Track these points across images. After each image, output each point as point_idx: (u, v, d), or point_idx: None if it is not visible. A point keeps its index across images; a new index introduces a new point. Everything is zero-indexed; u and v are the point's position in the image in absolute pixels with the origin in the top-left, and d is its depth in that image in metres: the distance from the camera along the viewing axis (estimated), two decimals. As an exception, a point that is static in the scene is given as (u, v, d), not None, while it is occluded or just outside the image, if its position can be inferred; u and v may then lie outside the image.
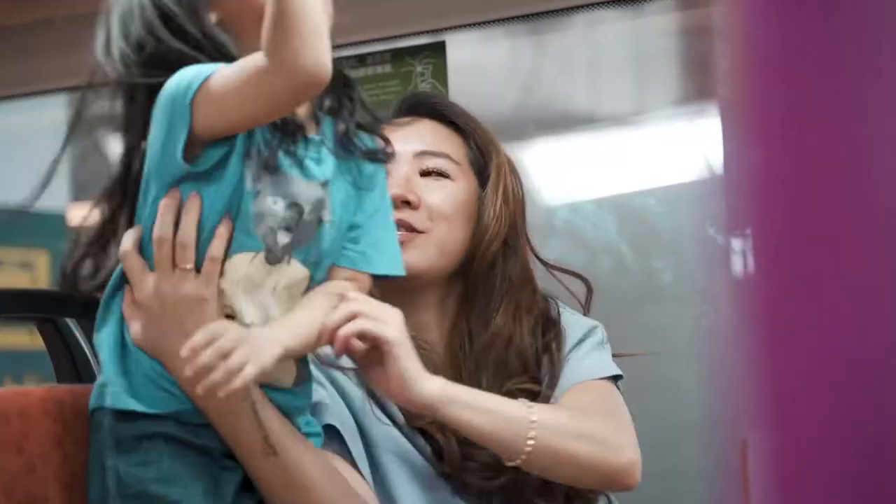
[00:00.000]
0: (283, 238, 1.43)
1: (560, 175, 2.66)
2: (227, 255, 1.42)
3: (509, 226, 1.71)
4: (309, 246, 1.45)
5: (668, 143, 2.87)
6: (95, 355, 1.69)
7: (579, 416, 1.60)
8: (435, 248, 1.65)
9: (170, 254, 1.42)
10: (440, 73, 2.37)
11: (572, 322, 1.74)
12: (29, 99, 3.00)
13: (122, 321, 1.46)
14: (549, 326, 1.71)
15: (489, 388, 1.62)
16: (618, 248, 2.61)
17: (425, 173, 1.69)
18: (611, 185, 2.73)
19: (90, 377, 1.69)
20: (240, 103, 1.34)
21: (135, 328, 1.44)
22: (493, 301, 1.68)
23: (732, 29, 0.58)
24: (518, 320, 1.68)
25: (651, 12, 2.71)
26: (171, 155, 1.37)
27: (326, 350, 1.53)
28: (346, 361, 1.57)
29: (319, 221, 1.45)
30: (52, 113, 3.52)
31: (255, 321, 1.43)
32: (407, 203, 1.64)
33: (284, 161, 1.41)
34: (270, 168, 1.40)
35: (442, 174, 1.69)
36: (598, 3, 2.49)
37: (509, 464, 1.55)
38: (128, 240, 1.44)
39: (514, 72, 2.75)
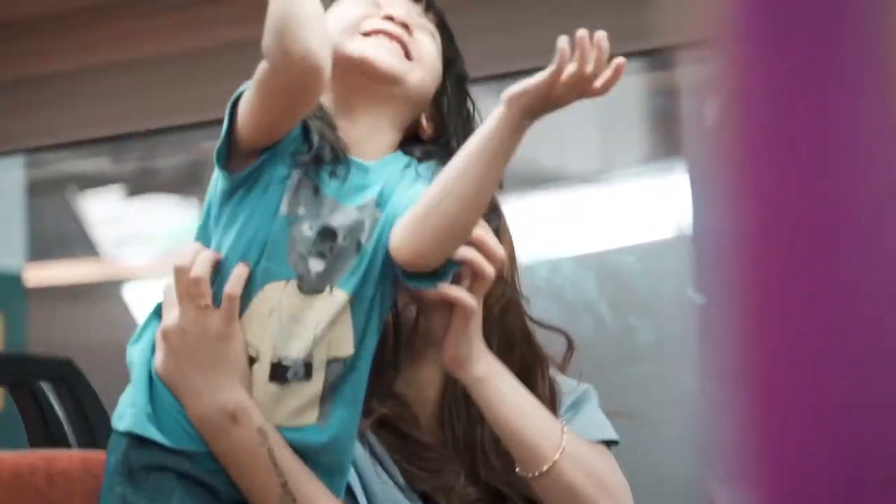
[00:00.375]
0: (317, 266, 1.38)
1: (536, 232, 2.66)
2: (258, 286, 1.38)
3: (512, 284, 1.70)
4: (352, 272, 1.40)
5: (637, 201, 2.88)
6: (69, 420, 1.68)
7: (597, 458, 1.57)
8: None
9: (188, 286, 1.38)
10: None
11: (565, 382, 1.73)
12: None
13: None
14: (544, 384, 1.69)
15: (487, 440, 1.61)
16: (597, 308, 2.60)
17: None
18: (588, 243, 2.73)
19: (64, 442, 1.67)
20: (257, 106, 1.33)
21: (158, 358, 1.41)
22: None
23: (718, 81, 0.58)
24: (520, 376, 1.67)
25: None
26: (217, 162, 1.38)
27: None
28: None
29: (358, 246, 1.40)
30: (10, 174, 3.53)
31: (299, 356, 1.38)
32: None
33: (323, 184, 1.39)
34: (305, 191, 1.37)
35: None
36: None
37: (522, 473, 1.50)
38: (182, 258, 1.41)
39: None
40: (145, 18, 2.35)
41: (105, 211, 4.38)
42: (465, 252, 1.41)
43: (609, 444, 1.67)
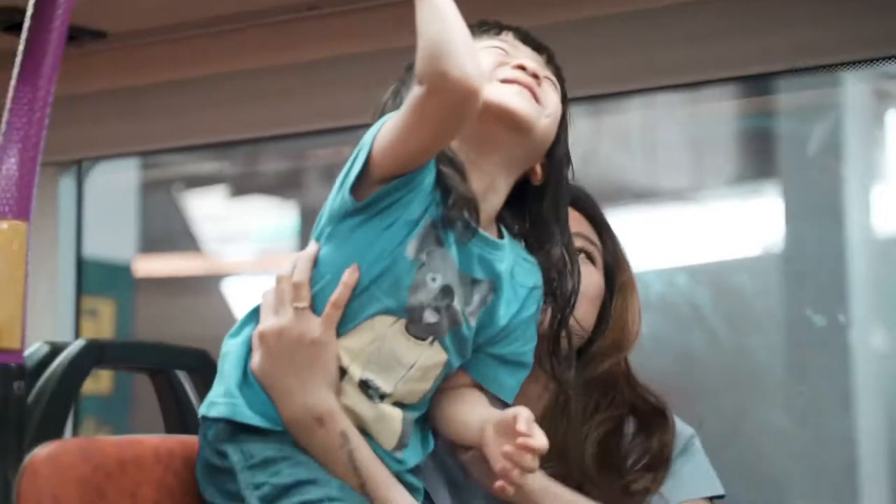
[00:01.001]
0: (430, 317, 1.40)
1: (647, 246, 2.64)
2: (368, 314, 1.39)
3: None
4: (454, 332, 1.42)
5: (736, 218, 2.85)
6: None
7: None
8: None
9: (289, 291, 1.40)
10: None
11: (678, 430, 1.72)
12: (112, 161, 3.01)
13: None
14: (659, 423, 1.69)
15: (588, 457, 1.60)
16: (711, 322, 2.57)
17: None
18: (698, 255, 2.70)
19: (197, 429, 1.68)
20: (405, 134, 1.32)
21: (254, 358, 1.42)
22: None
23: None
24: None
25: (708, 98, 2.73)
26: (344, 186, 1.38)
27: None
28: None
29: (465, 316, 1.42)
30: (126, 174, 3.59)
31: (385, 390, 1.41)
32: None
33: (447, 241, 1.39)
34: (430, 240, 1.37)
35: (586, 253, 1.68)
36: (657, 88, 2.47)
37: None
38: (289, 267, 1.43)
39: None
40: (250, 32, 2.38)
41: (209, 209, 4.43)
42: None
43: (714, 498, 1.67)
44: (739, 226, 2.88)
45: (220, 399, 1.43)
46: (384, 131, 1.35)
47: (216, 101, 2.48)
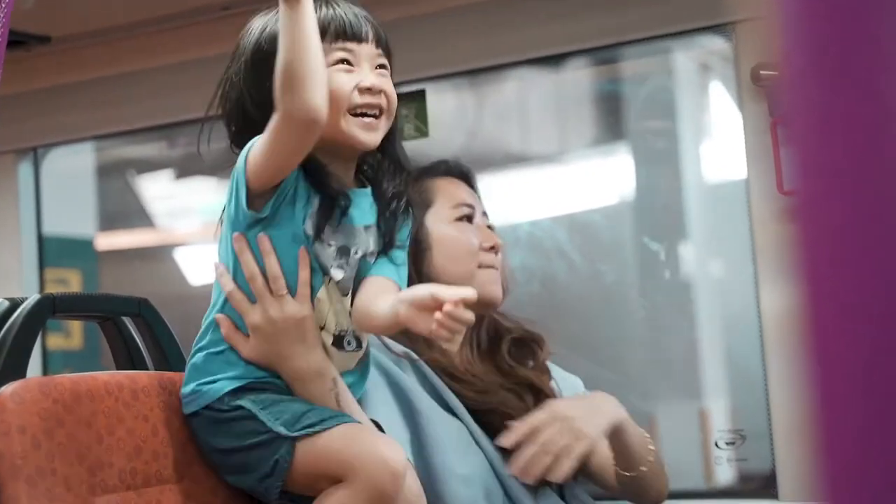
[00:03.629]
0: (338, 275, 1.45)
1: (519, 200, 2.64)
2: (320, 284, 1.45)
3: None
4: (355, 273, 1.47)
5: (596, 174, 2.86)
6: (147, 348, 1.66)
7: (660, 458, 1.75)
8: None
9: (264, 285, 1.43)
10: (422, 115, 2.38)
11: (562, 380, 1.81)
12: (75, 145, 2.94)
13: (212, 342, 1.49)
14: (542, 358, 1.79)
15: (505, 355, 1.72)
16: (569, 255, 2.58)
17: None
18: (561, 206, 2.71)
19: (143, 367, 1.64)
20: (268, 154, 1.35)
21: (246, 347, 1.46)
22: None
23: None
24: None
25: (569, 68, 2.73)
26: (241, 207, 1.40)
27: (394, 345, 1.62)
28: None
29: (363, 257, 1.46)
30: (82, 160, 3.51)
31: (335, 329, 1.48)
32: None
33: (340, 211, 1.43)
34: (322, 226, 1.42)
35: None
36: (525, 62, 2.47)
37: (629, 474, 1.66)
38: (227, 281, 1.47)
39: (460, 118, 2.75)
40: (175, 32, 2.33)
41: (159, 190, 4.35)
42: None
43: None
44: (598, 180, 2.90)
45: (221, 377, 1.47)
46: (252, 154, 1.38)
47: (148, 91, 2.43)
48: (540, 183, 2.80)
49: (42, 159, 2.57)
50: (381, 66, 1.47)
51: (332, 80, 1.39)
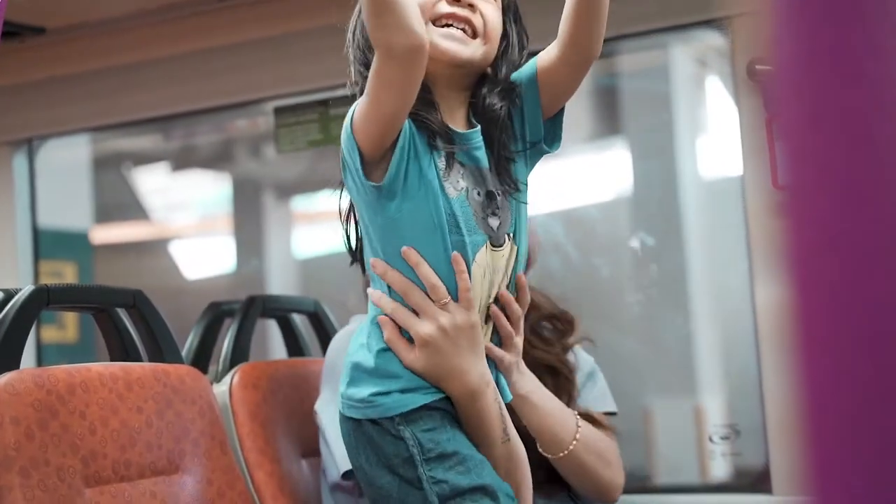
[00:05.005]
0: (495, 222, 1.34)
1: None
2: (470, 258, 1.33)
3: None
4: (512, 218, 1.36)
5: (593, 169, 2.86)
6: (141, 339, 1.65)
7: (600, 437, 1.65)
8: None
9: (424, 296, 1.33)
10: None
11: (580, 354, 1.79)
12: (70, 136, 2.94)
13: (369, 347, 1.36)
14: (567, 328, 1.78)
15: None
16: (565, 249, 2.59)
17: None
18: (557, 201, 2.71)
19: (137, 358, 1.64)
20: (377, 104, 1.25)
21: (410, 356, 1.33)
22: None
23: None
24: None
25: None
26: (359, 178, 1.30)
27: None
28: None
29: (506, 195, 1.35)
30: (78, 151, 3.51)
31: (487, 298, 1.37)
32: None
33: (462, 158, 1.32)
34: (454, 168, 1.30)
35: None
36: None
37: (546, 454, 1.58)
38: (384, 300, 1.35)
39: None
40: (172, 23, 2.32)
41: (155, 183, 4.34)
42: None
43: (608, 413, 1.71)
44: (593, 175, 2.90)
45: (395, 389, 1.34)
46: (358, 114, 1.28)
47: (143, 83, 2.42)
48: (535, 178, 2.80)
49: (37, 151, 2.57)
50: None
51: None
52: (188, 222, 4.50)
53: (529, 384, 1.54)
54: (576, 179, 2.88)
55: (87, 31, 2.35)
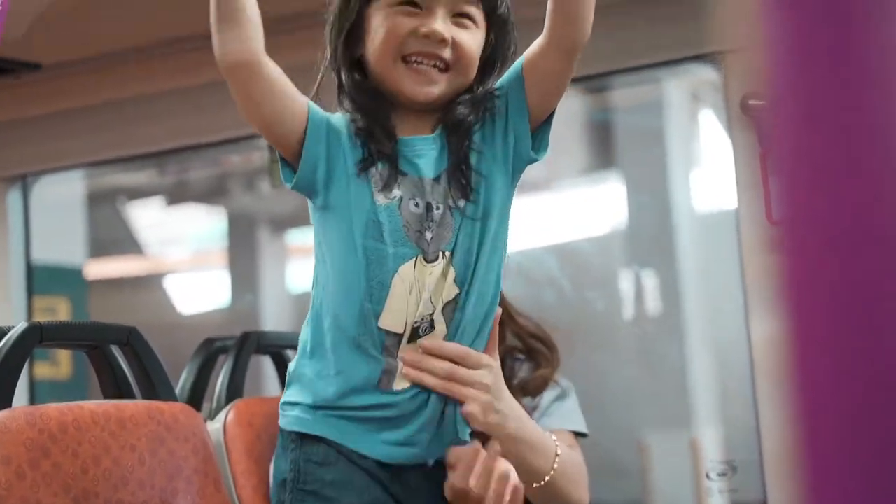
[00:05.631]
0: (429, 236, 1.26)
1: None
2: (392, 271, 1.25)
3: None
4: (453, 234, 1.27)
5: (586, 202, 2.87)
6: (134, 376, 1.64)
7: (573, 461, 1.58)
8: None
9: (464, 372, 1.28)
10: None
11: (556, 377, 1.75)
12: (63, 173, 2.94)
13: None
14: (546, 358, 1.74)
15: None
16: (559, 283, 2.58)
17: None
18: (553, 235, 2.72)
19: (131, 396, 1.63)
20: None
21: (484, 415, 1.33)
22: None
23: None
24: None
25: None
26: (285, 181, 1.29)
27: None
28: None
29: (451, 209, 1.27)
30: (73, 187, 3.51)
31: (425, 313, 1.27)
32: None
33: (403, 165, 1.26)
34: (390, 175, 1.24)
35: None
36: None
37: (526, 484, 1.47)
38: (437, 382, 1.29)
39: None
40: (179, 56, 2.33)
41: (149, 217, 4.34)
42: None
43: (578, 435, 1.68)
44: (588, 208, 2.90)
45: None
46: None
47: (138, 118, 2.43)
48: (530, 212, 2.81)
49: (31, 186, 2.57)
50: (463, 15, 1.27)
51: (388, 24, 1.26)
52: (183, 257, 4.50)
53: (512, 422, 1.42)
54: (570, 213, 2.88)
55: (82, 67, 2.36)
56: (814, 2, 0.53)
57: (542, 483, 1.48)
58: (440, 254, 1.26)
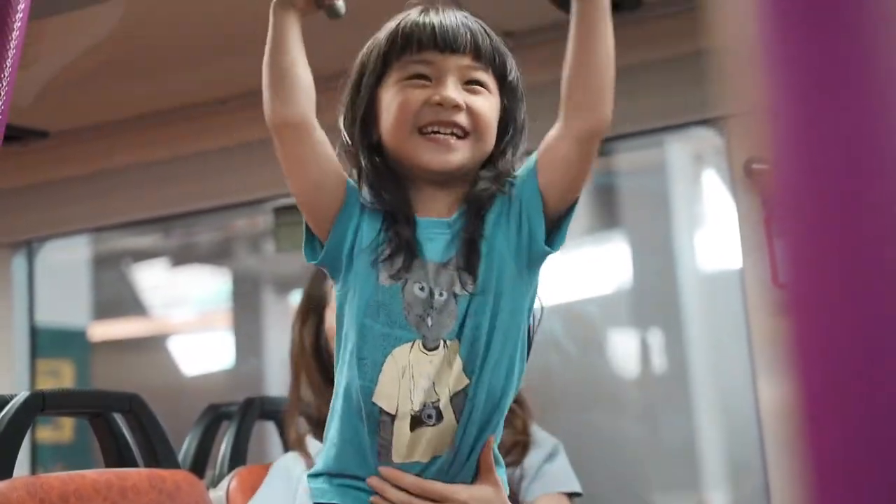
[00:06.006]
0: (430, 322, 1.21)
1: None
2: (386, 352, 1.21)
3: None
4: (456, 323, 1.22)
5: (589, 263, 2.86)
6: (137, 444, 1.63)
7: None
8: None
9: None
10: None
11: (540, 434, 1.69)
12: (65, 238, 2.95)
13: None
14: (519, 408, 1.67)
15: None
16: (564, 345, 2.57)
17: None
18: (556, 295, 2.71)
19: (133, 463, 1.62)
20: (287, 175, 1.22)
21: None
22: None
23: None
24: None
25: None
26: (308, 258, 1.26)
27: None
28: None
29: (455, 296, 1.21)
30: (78, 251, 3.53)
31: (429, 401, 1.21)
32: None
33: (416, 247, 1.22)
34: (398, 255, 1.21)
35: None
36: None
37: None
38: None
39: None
40: (185, 122, 2.35)
41: (154, 279, 4.35)
42: None
43: (572, 495, 1.64)
44: (593, 268, 2.90)
45: None
46: None
47: (144, 183, 2.44)
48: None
49: (37, 251, 2.58)
50: (474, 82, 1.25)
51: (400, 98, 1.24)
52: (187, 318, 4.49)
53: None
54: (574, 274, 2.88)
55: (88, 134, 2.38)
56: (812, 66, 0.53)
57: None
58: (441, 342, 1.22)
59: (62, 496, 1.40)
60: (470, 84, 1.25)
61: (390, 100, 1.26)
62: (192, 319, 4.46)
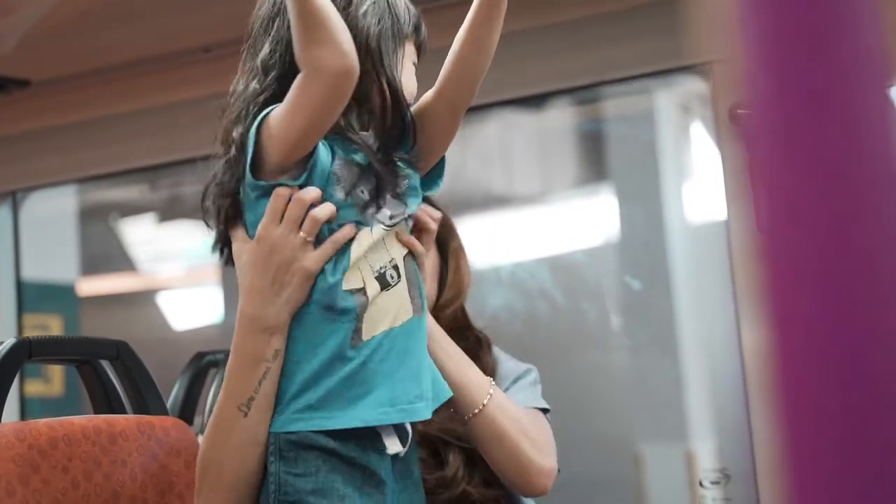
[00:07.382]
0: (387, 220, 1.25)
1: (502, 242, 2.65)
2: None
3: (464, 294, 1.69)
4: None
5: (579, 214, 2.87)
6: (125, 391, 1.64)
7: (523, 415, 1.50)
8: None
9: (300, 214, 1.22)
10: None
11: (509, 366, 1.69)
12: (56, 188, 2.94)
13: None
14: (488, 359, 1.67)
15: None
16: (552, 295, 2.59)
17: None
18: (544, 246, 2.72)
19: (122, 411, 1.63)
20: (298, 115, 1.18)
21: (246, 255, 1.25)
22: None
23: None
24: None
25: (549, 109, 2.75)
26: (244, 173, 1.23)
27: None
28: None
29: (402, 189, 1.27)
30: (64, 203, 3.52)
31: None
32: None
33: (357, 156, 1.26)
34: (349, 169, 1.24)
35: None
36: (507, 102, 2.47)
37: (458, 416, 1.44)
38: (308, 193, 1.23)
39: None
40: (154, 75, 2.33)
41: (142, 234, 4.34)
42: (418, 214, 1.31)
43: (543, 411, 1.63)
44: (580, 220, 2.91)
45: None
46: (274, 122, 1.20)
47: (129, 134, 2.43)
48: (522, 224, 2.81)
49: (21, 203, 2.57)
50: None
51: (412, 86, 1.30)
52: (175, 273, 4.49)
53: (435, 324, 1.44)
54: (562, 225, 2.89)
55: (71, 83, 2.36)
56: (790, 8, 0.53)
57: (479, 411, 1.44)
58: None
59: (51, 441, 1.41)
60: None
61: (408, 79, 1.30)
62: (180, 274, 4.47)
